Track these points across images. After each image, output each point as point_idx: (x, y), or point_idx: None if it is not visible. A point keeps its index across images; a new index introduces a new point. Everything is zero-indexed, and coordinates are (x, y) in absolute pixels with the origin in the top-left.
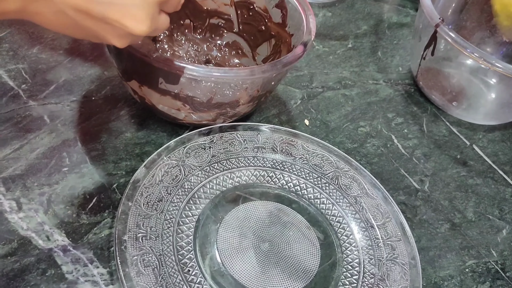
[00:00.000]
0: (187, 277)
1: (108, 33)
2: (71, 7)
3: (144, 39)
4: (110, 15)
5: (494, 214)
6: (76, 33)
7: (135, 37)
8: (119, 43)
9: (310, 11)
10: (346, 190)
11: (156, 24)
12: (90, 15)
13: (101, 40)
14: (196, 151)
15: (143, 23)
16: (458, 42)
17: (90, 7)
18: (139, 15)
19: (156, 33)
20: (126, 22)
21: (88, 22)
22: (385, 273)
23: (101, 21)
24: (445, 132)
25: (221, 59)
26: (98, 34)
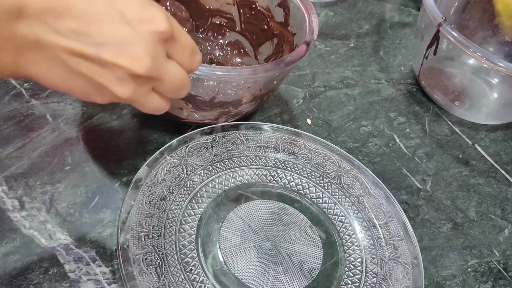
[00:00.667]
0: (189, 276)
1: (107, 79)
2: (64, 50)
3: None
4: (104, 55)
5: (496, 214)
6: (75, 85)
7: (138, 82)
8: (122, 91)
9: (313, 10)
10: (348, 189)
11: (158, 63)
12: (84, 58)
13: (101, 91)
14: (198, 150)
15: (141, 61)
16: (460, 42)
17: (83, 49)
18: (135, 52)
19: (163, 77)
20: (121, 61)
21: (83, 67)
22: (388, 273)
23: (97, 63)
24: (447, 132)
25: (223, 58)
26: (97, 82)
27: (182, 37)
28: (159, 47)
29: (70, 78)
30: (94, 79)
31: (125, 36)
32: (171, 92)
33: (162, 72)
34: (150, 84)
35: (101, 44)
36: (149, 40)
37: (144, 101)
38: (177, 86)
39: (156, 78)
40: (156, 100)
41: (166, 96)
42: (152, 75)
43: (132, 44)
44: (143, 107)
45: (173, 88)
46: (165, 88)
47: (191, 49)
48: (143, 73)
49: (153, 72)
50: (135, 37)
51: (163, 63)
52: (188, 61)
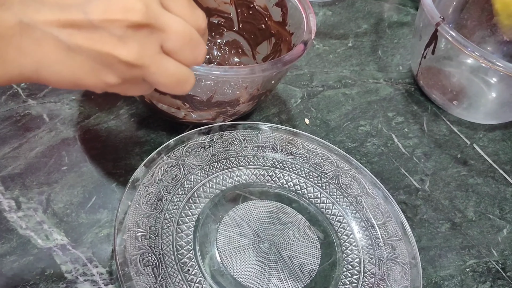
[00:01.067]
0: (186, 277)
1: (107, 44)
2: (51, 24)
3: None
4: (93, 16)
5: (495, 214)
6: (77, 66)
7: (141, 35)
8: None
9: (311, 9)
10: (346, 189)
11: (154, 9)
12: (75, 26)
13: (108, 64)
14: (196, 150)
15: (133, 7)
16: (458, 41)
17: (70, 16)
18: (126, 2)
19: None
20: (113, 15)
21: (78, 38)
22: (386, 273)
23: (90, 28)
24: (446, 131)
25: (221, 58)
26: (98, 52)
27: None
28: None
29: (70, 58)
30: (93, 48)
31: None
32: (183, 50)
33: (162, 21)
34: (155, 39)
35: (87, 6)
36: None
37: (158, 65)
38: (186, 38)
39: (158, 27)
40: (172, 64)
41: (183, 60)
42: (151, 21)
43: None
44: (161, 75)
45: (183, 41)
46: (174, 43)
47: (187, 0)
48: (140, 19)
49: (151, 18)
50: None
51: (160, 11)
52: (188, 12)
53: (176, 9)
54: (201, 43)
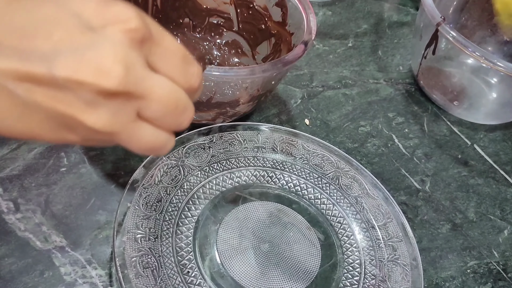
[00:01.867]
0: (186, 279)
1: (71, 106)
2: (6, 75)
3: None
4: (58, 71)
5: (496, 215)
6: (35, 124)
7: (114, 103)
8: (95, 119)
9: (311, 9)
10: (347, 190)
11: (136, 73)
12: (34, 81)
13: (71, 125)
14: (195, 151)
15: (110, 71)
16: (459, 41)
17: (30, 68)
18: (100, 60)
19: (147, 93)
20: (83, 75)
21: (37, 95)
22: (386, 274)
23: (52, 85)
24: (446, 132)
25: (221, 58)
26: (60, 112)
27: (165, 39)
28: (133, 51)
29: (26, 115)
30: (54, 109)
31: (84, 41)
32: (165, 117)
33: (144, 86)
34: (132, 106)
35: (52, 57)
36: (117, 42)
37: (131, 133)
38: (170, 106)
39: (137, 95)
40: (148, 131)
41: (164, 126)
42: (129, 89)
43: (94, 50)
44: (133, 143)
45: (166, 110)
46: (154, 111)
47: (181, 56)
48: (115, 87)
49: (130, 85)
50: (98, 41)
51: (143, 74)
52: (180, 71)
53: (166, 68)
54: (188, 109)
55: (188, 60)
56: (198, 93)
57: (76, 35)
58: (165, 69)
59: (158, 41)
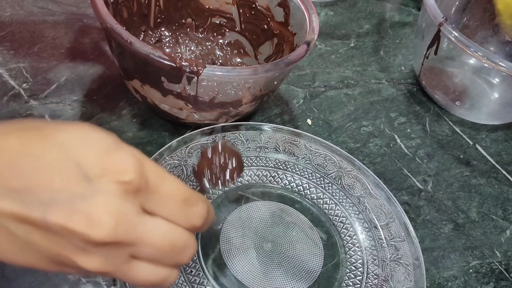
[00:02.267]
0: (189, 278)
1: (66, 249)
2: (6, 216)
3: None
4: (51, 217)
5: (498, 214)
6: (35, 260)
7: (106, 250)
8: (88, 263)
9: (313, 10)
10: (349, 190)
11: (128, 224)
12: (31, 224)
13: (69, 263)
14: (198, 151)
15: (99, 222)
16: (461, 41)
17: (27, 212)
18: (91, 211)
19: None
20: (73, 225)
21: (34, 236)
22: (389, 274)
23: (48, 230)
24: (448, 132)
25: (223, 59)
26: (56, 253)
27: (165, 185)
28: (126, 202)
29: (25, 251)
30: (50, 249)
31: (80, 192)
32: (161, 258)
33: (135, 234)
34: (124, 251)
35: (49, 204)
36: (110, 194)
37: (126, 273)
38: (165, 248)
39: (129, 243)
40: (145, 269)
41: (162, 264)
42: (119, 239)
43: (87, 201)
44: (129, 280)
45: (160, 252)
46: (149, 254)
47: (181, 199)
48: (104, 238)
49: (120, 235)
50: (92, 191)
51: (136, 222)
52: (179, 215)
53: (164, 213)
54: (188, 247)
55: (190, 202)
56: (204, 227)
57: (74, 185)
58: (163, 213)
59: (156, 189)
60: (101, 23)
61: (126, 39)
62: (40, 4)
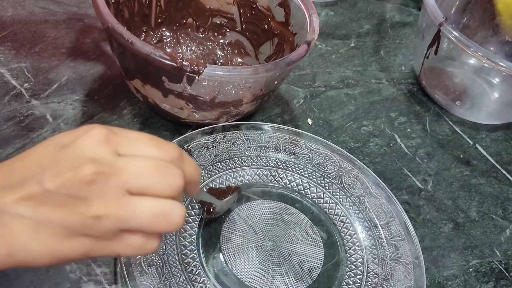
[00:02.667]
0: (190, 277)
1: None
2: (17, 203)
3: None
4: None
5: (498, 214)
6: (49, 237)
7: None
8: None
9: (314, 10)
10: (350, 189)
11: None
12: (36, 199)
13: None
14: (199, 150)
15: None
16: (461, 41)
17: (29, 190)
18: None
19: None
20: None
21: (43, 210)
22: (389, 273)
23: (50, 197)
24: (448, 132)
25: (224, 59)
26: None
27: (130, 133)
28: (99, 148)
29: (39, 232)
30: (57, 214)
31: (61, 157)
32: (152, 183)
33: (116, 165)
34: (114, 183)
35: (41, 176)
36: (85, 146)
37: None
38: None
39: (113, 172)
40: (147, 202)
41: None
42: (103, 169)
43: (68, 159)
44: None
45: (148, 175)
46: (138, 181)
47: (148, 138)
48: (90, 171)
49: (102, 166)
50: (71, 151)
51: (114, 159)
52: (153, 149)
53: (137, 151)
54: (172, 169)
55: (160, 140)
56: (186, 165)
57: (56, 155)
58: (137, 152)
59: (125, 136)
60: (103, 23)
61: (127, 39)
62: (42, 4)
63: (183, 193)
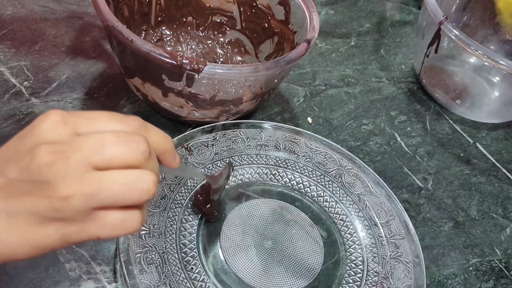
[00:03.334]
0: (190, 275)
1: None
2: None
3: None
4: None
5: (498, 213)
6: (23, 227)
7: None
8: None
9: (314, 8)
10: (350, 188)
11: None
12: (9, 187)
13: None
14: (199, 148)
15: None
16: (462, 40)
17: (2, 180)
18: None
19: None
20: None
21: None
22: (389, 271)
23: (16, 186)
24: (449, 130)
25: (224, 57)
26: (40, 202)
27: (86, 113)
28: (58, 129)
29: (13, 223)
30: (25, 200)
31: (20, 146)
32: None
33: (74, 142)
34: (76, 158)
35: (5, 168)
36: (45, 132)
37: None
38: (111, 142)
39: (72, 149)
40: (116, 174)
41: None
42: (60, 147)
43: (27, 147)
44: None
45: (110, 145)
46: (97, 151)
47: (106, 114)
48: (46, 151)
49: (59, 144)
50: (28, 140)
51: (72, 137)
52: (108, 123)
53: (96, 128)
54: (134, 136)
55: (116, 114)
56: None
57: (16, 145)
58: (95, 129)
59: (81, 115)
60: (102, 21)
61: (127, 37)
62: (41, 2)
63: (155, 162)
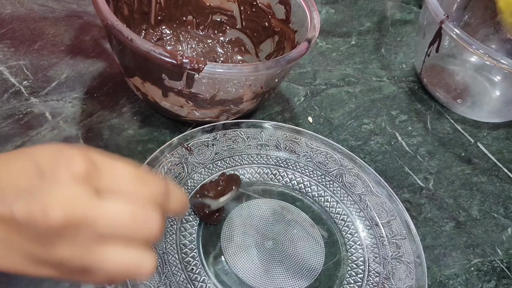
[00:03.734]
0: (190, 276)
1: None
2: None
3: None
4: (15, 210)
5: (499, 212)
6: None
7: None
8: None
9: (314, 7)
10: (351, 188)
11: (81, 205)
12: (5, 222)
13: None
14: (199, 148)
15: (54, 209)
16: (463, 39)
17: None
18: (47, 201)
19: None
20: (33, 214)
21: (11, 234)
22: (390, 272)
23: (18, 224)
24: (450, 130)
25: (224, 56)
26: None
27: (113, 167)
28: (77, 187)
29: (7, 252)
30: (26, 244)
31: (37, 186)
32: (125, 234)
33: (93, 212)
34: (87, 231)
35: (14, 202)
36: (62, 184)
37: (98, 258)
38: (126, 222)
39: (87, 221)
40: (115, 252)
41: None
42: (75, 218)
43: (43, 193)
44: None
45: (123, 227)
46: (113, 232)
47: (132, 175)
48: (59, 222)
49: (75, 215)
50: (48, 185)
51: (92, 203)
52: (135, 188)
53: (118, 187)
54: (150, 217)
55: (143, 177)
56: (175, 207)
57: (33, 181)
58: (116, 188)
59: (106, 171)
60: (102, 20)
61: (127, 36)
62: (41, 1)
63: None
